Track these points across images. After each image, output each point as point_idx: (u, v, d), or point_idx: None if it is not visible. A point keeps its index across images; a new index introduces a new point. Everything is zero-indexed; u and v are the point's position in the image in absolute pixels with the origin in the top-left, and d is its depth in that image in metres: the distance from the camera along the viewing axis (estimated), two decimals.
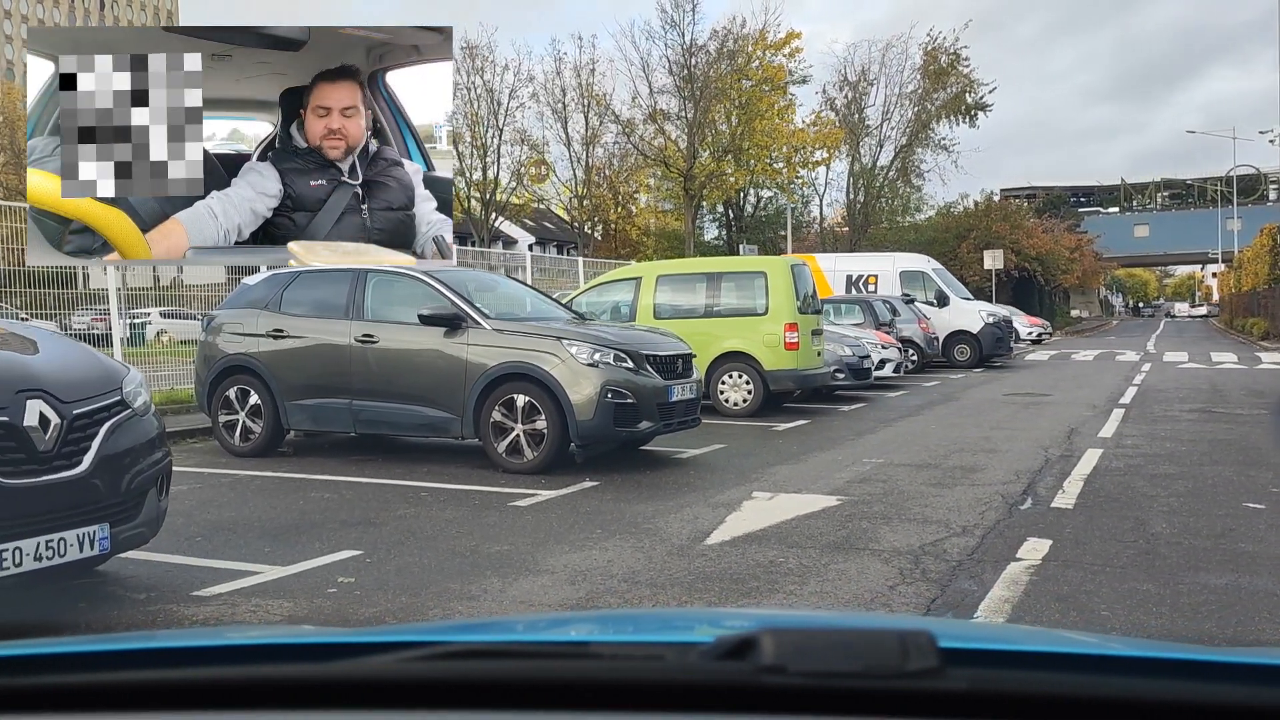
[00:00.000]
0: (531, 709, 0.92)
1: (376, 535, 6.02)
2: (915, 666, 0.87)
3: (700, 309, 12.91)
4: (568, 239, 57.73)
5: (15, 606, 4.52)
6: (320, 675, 1.00)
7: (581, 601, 4.66)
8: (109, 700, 0.97)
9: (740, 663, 0.90)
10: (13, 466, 4.06)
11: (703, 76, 38.81)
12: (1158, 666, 1.10)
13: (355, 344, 8.85)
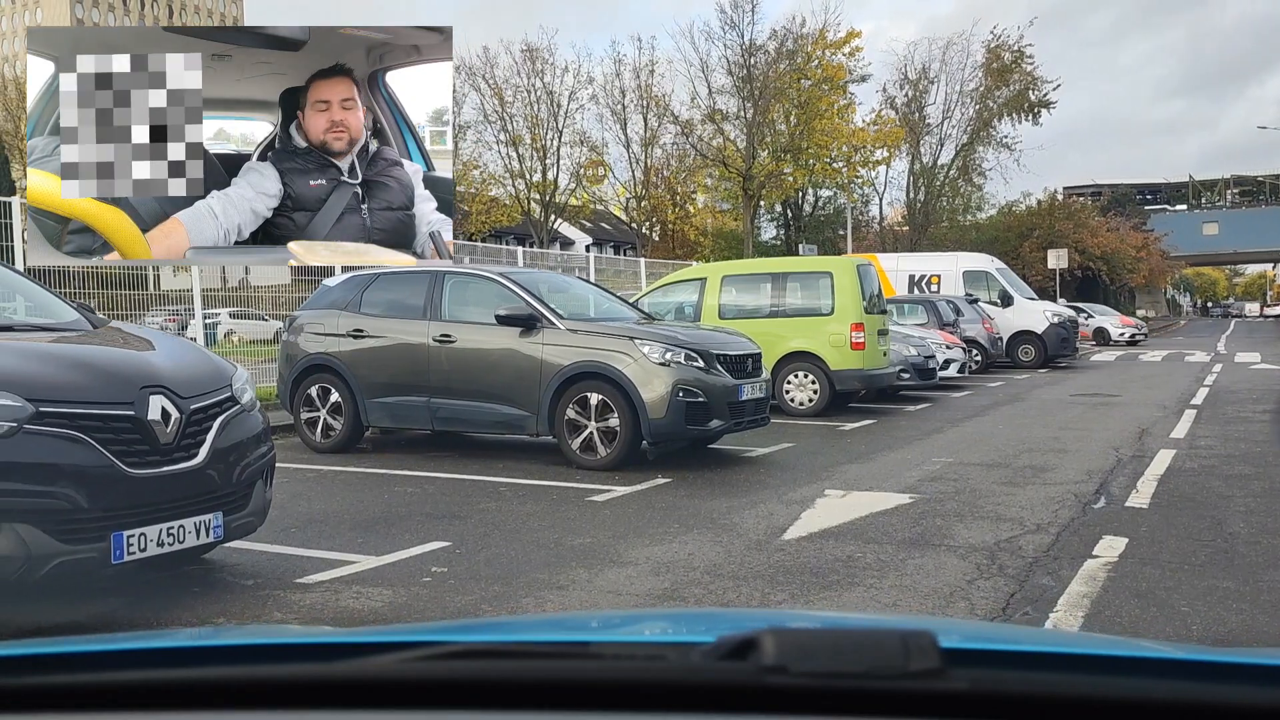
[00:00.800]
0: (533, 709, 0.92)
1: (462, 527, 6.24)
2: (917, 667, 0.86)
3: (765, 309, 13.01)
4: (624, 239, 58.02)
5: (137, 591, 4.82)
6: (320, 675, 0.99)
7: (668, 592, 4.83)
8: (109, 700, 0.97)
9: (742, 663, 0.90)
10: (138, 458, 4.33)
11: (762, 76, 38.81)
12: (1159, 667, 1.11)
13: (433, 343, 9.11)
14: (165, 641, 1.32)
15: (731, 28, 39.16)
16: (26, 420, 4.07)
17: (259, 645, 1.26)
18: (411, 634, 1.34)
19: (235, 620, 4.42)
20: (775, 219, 49.65)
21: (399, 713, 0.93)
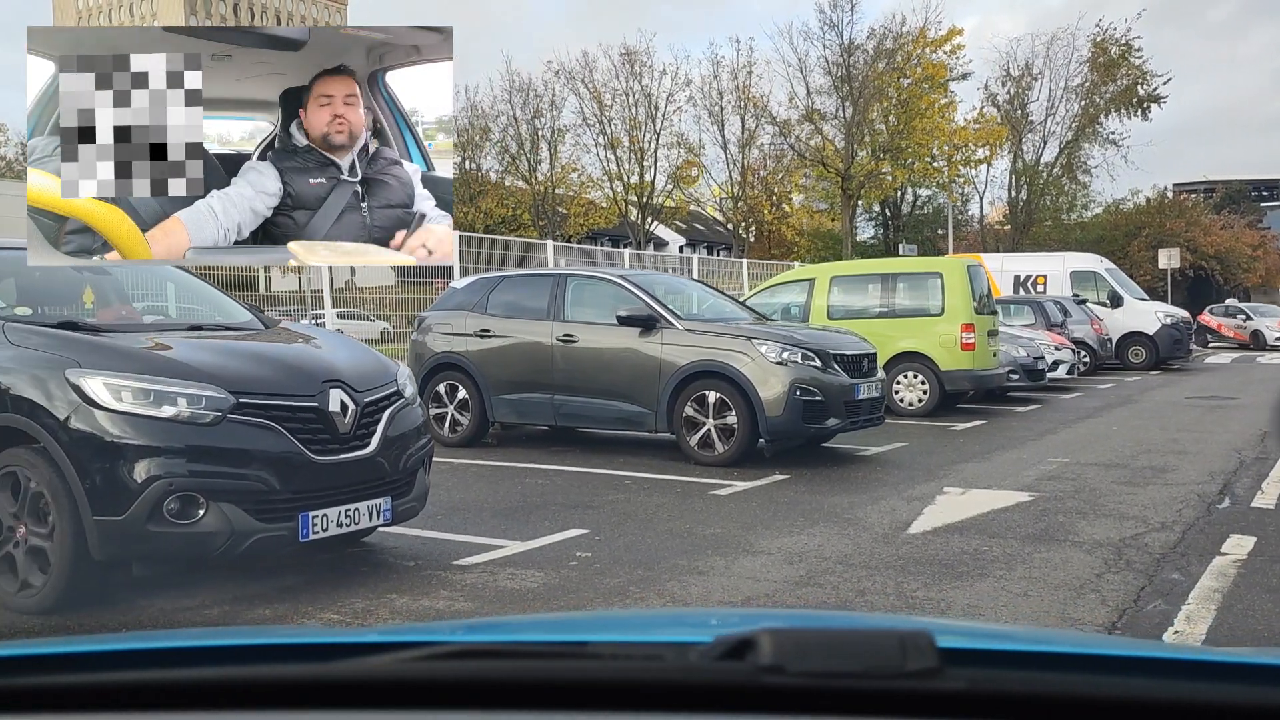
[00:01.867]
0: (531, 709, 0.92)
1: (597, 516, 6.58)
2: (914, 666, 0.87)
3: (874, 310, 13.12)
4: (718, 240, 58.17)
5: (312, 570, 5.26)
6: (320, 675, 1.00)
7: (804, 579, 5.08)
8: (109, 700, 0.97)
9: (739, 663, 0.90)
10: (321, 445, 4.75)
11: (860, 76, 38.62)
12: (1158, 666, 1.11)
13: (557, 343, 9.49)
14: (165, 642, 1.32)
15: (830, 28, 39.06)
16: (229, 410, 4.53)
17: (259, 645, 1.26)
18: (411, 634, 1.35)
19: (408, 598, 4.80)
20: (873, 219, 49.26)
21: (398, 713, 0.93)
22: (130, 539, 4.37)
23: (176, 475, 4.38)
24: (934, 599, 4.72)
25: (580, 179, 44.68)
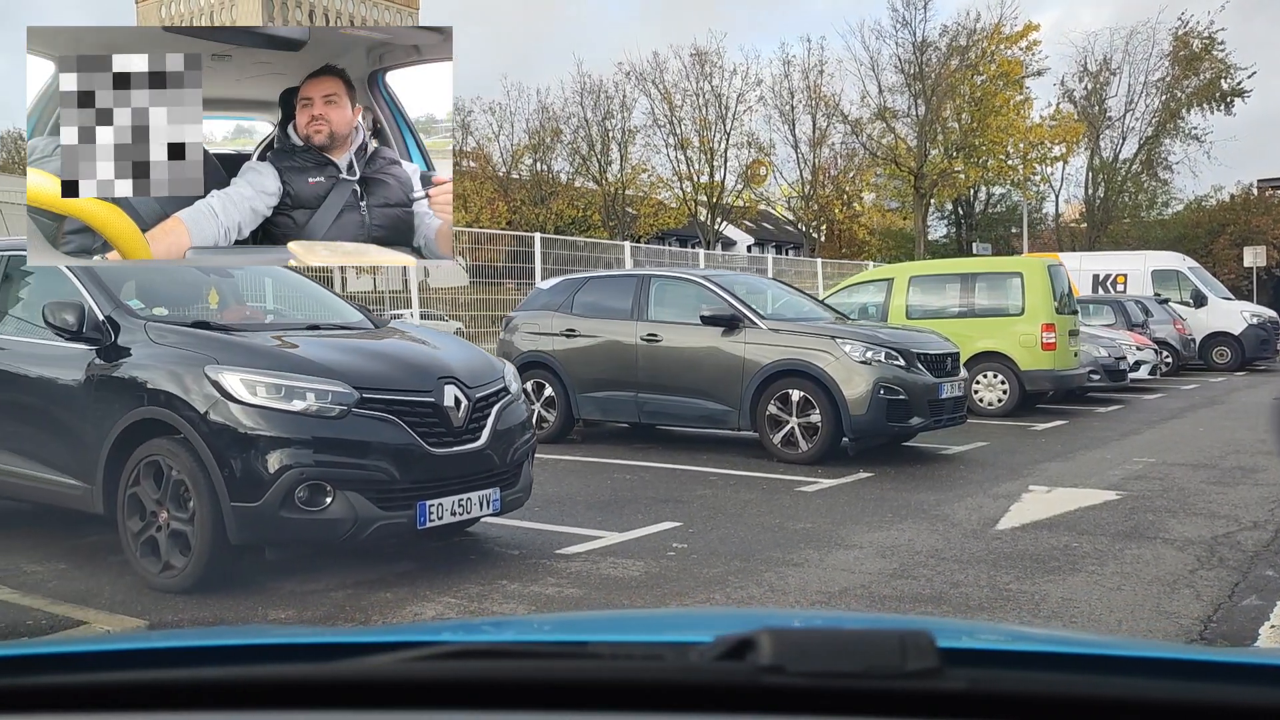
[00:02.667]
0: (531, 709, 0.92)
1: (688, 510, 6.77)
2: (915, 666, 0.87)
3: (953, 309, 13.13)
4: (787, 239, 58.03)
5: (424, 557, 5.54)
6: (320, 675, 1.00)
7: (897, 572, 5.22)
8: (109, 700, 0.97)
9: (739, 663, 0.90)
10: (437, 438, 5.02)
11: (933, 73, 38.30)
12: (1158, 666, 1.11)
13: (641, 342, 9.71)
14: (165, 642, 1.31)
15: (903, 25, 38.84)
16: (354, 405, 4.81)
17: (259, 645, 1.27)
18: (411, 634, 1.35)
19: (518, 584, 5.05)
20: (945, 217, 48.77)
21: (398, 713, 0.93)
22: (264, 524, 4.67)
23: (306, 465, 4.68)
24: (1028, 592, 4.83)
25: (650, 179, 44.97)
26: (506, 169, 45.87)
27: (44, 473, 5.32)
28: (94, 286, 5.34)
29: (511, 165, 45.99)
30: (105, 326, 5.14)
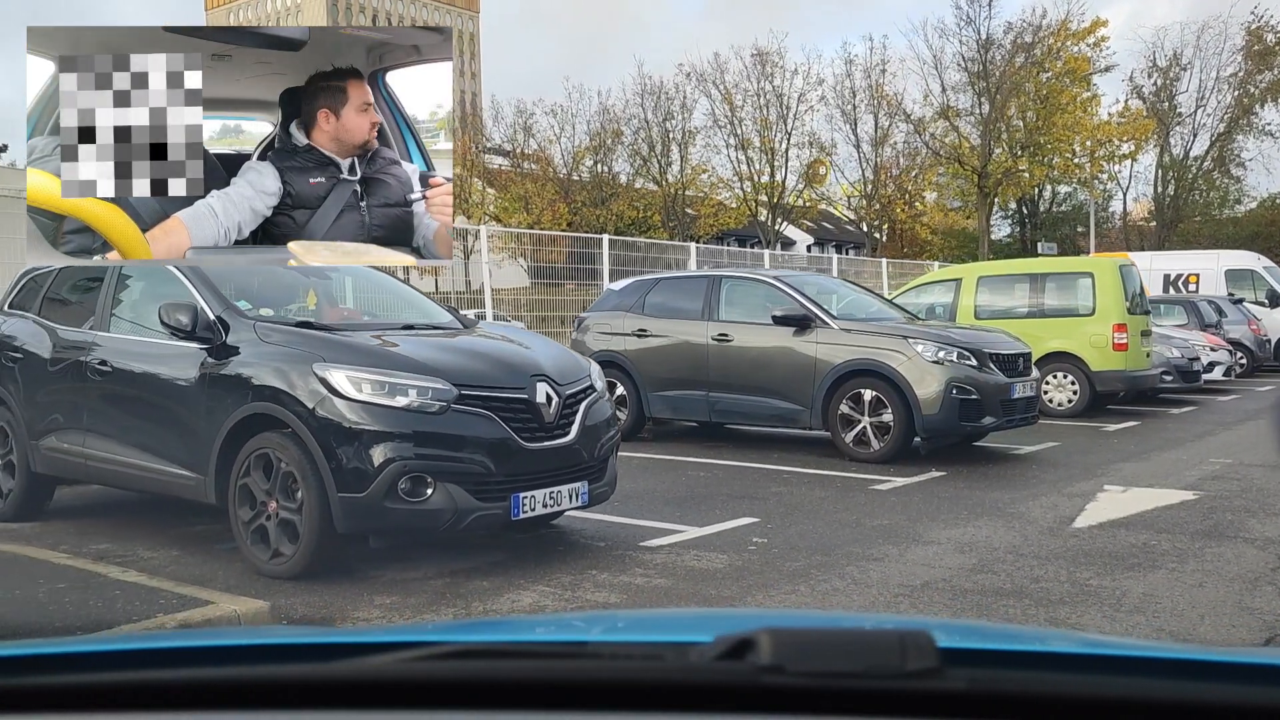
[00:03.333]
0: (531, 709, 0.92)
1: (764, 507, 6.92)
2: (914, 666, 0.87)
3: (1023, 310, 13.09)
4: (847, 239, 57.72)
5: (514, 548, 5.75)
6: (320, 675, 1.00)
7: (977, 567, 5.32)
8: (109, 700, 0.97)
9: (739, 663, 0.90)
10: (530, 433, 5.23)
11: (998, 71, 37.91)
12: (1157, 666, 1.11)
13: (712, 342, 9.87)
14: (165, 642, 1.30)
15: (967, 23, 38.52)
16: (453, 401, 5.04)
17: (259, 645, 1.27)
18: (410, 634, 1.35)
19: (608, 574, 5.24)
20: (1009, 216, 48.20)
21: (398, 713, 0.93)
22: (369, 514, 4.92)
23: (409, 458, 4.91)
24: (1108, 587, 4.91)
25: (710, 180, 45.06)
26: (568, 170, 46.26)
27: (159, 464, 5.63)
28: (204, 288, 5.63)
29: (573, 167, 46.37)
30: (216, 326, 5.43)
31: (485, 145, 49.82)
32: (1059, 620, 4.44)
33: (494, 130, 49.28)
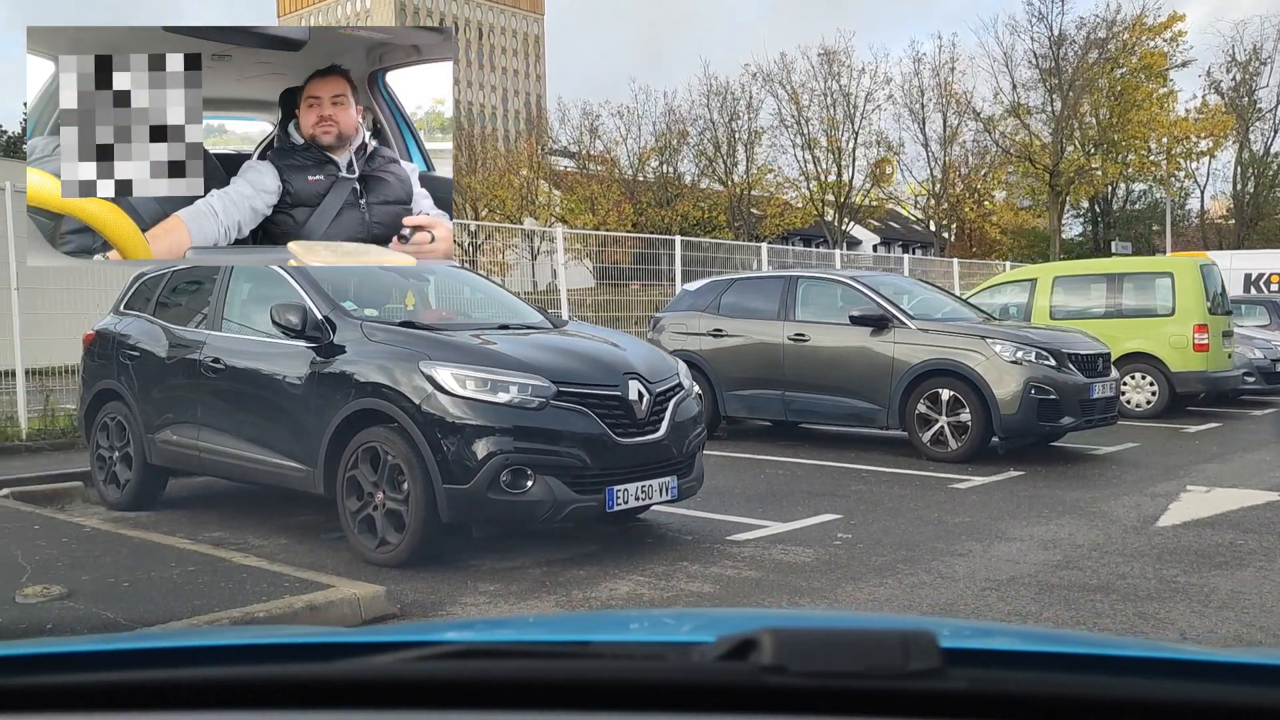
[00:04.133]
0: (532, 709, 0.92)
1: (845, 504, 7.04)
2: (917, 666, 0.87)
3: (1100, 310, 12.99)
4: (913, 239, 57.22)
5: (604, 539, 5.95)
6: (321, 675, 1.00)
7: (1061, 563, 5.40)
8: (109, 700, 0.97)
9: (741, 663, 0.90)
10: (623, 429, 5.43)
11: (1070, 68, 37.35)
12: (1158, 667, 1.11)
13: (788, 342, 9.99)
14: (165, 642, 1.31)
15: (1039, 20, 38.02)
16: (551, 397, 5.26)
17: (259, 645, 1.27)
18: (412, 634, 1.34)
19: (699, 565, 5.42)
20: (1081, 215, 47.43)
21: (399, 713, 0.93)
22: (473, 505, 5.15)
23: (510, 451, 5.14)
24: (1196, 584, 4.96)
25: (776, 180, 45.03)
26: (633, 172, 46.56)
27: (270, 457, 5.93)
28: (312, 289, 5.92)
29: (638, 168, 46.67)
30: (324, 325, 5.72)
31: (551, 147, 50.37)
32: (1147, 615, 4.51)
33: (560, 132, 49.83)
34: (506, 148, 58.40)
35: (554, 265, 37.59)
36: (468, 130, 59.35)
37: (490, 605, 4.73)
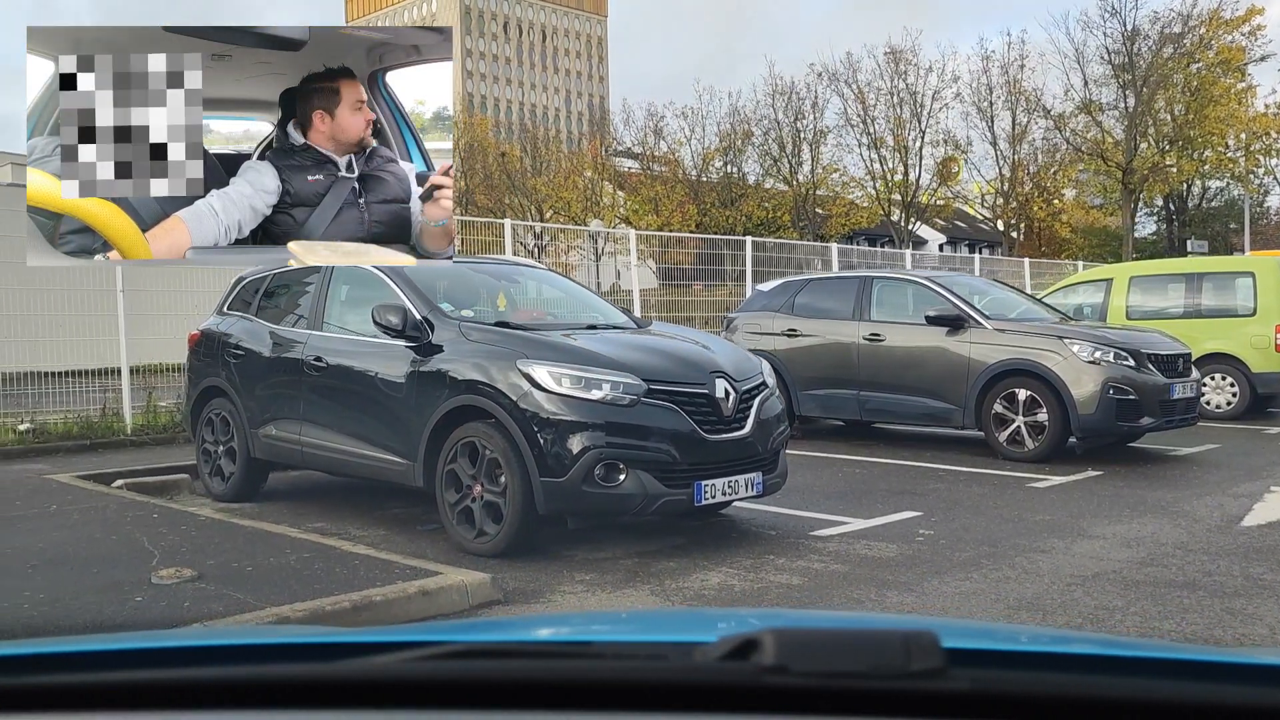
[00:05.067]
0: (534, 709, 0.92)
1: (924, 502, 7.14)
2: (918, 667, 0.87)
3: (1177, 310, 12.85)
4: (979, 238, 56.52)
5: (691, 533, 6.13)
6: (324, 675, 1.00)
7: (1145, 560, 5.46)
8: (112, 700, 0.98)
9: (743, 663, 0.90)
10: (710, 426, 5.61)
11: (1144, 63, 36.68)
12: (1160, 667, 1.11)
13: (863, 342, 10.08)
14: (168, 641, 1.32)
15: (1112, 15, 37.38)
16: (642, 395, 5.45)
17: (262, 645, 1.26)
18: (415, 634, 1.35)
19: (785, 559, 5.58)
20: (1155, 213, 46.51)
21: (402, 712, 0.93)
22: (568, 497, 5.37)
23: (603, 446, 5.34)
24: None
25: (842, 179, 44.85)
26: (697, 172, 46.69)
27: (371, 451, 6.20)
28: (411, 291, 6.18)
29: (702, 168, 46.79)
30: (423, 326, 5.97)
31: (614, 149, 50.71)
32: (1235, 611, 4.57)
33: (624, 133, 50.14)
34: (570, 149, 58.91)
35: (618, 266, 37.82)
36: (532, 132, 59.99)
37: (588, 594, 4.93)
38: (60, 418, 9.66)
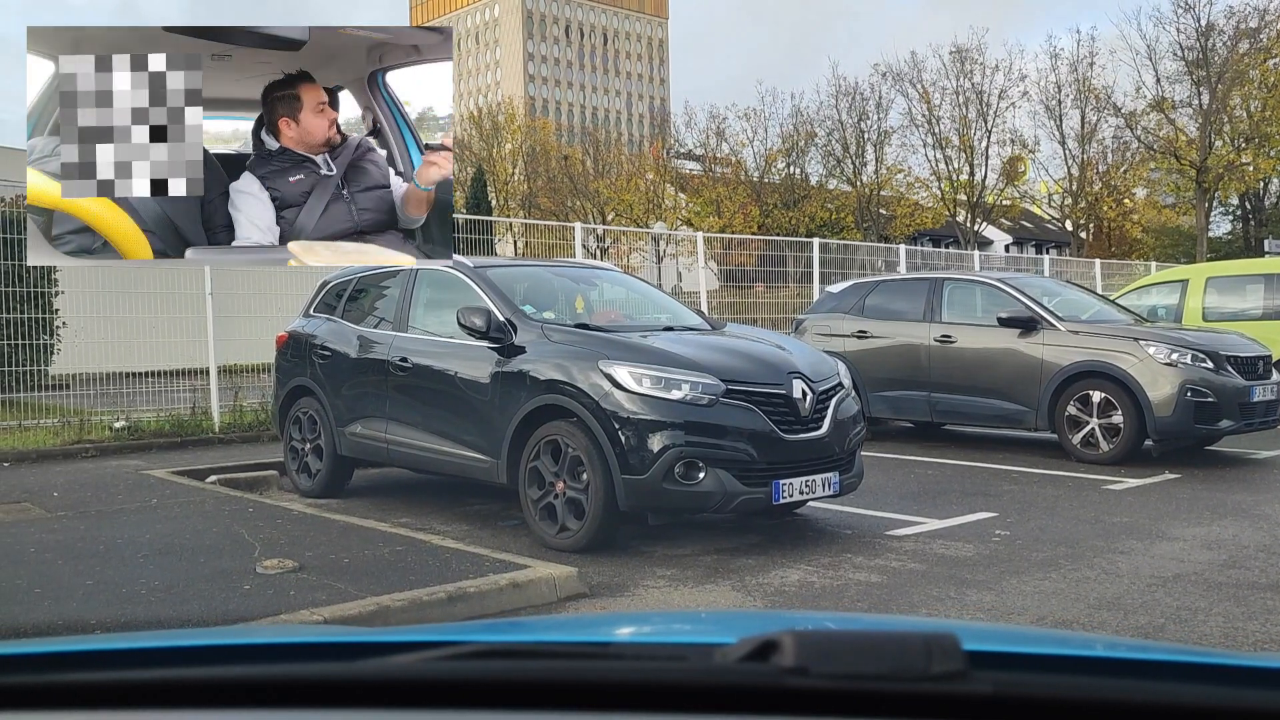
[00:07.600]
0: (553, 709, 0.92)
1: (999, 503, 7.15)
2: (940, 669, 0.86)
3: (1257, 311, 12.61)
4: (1046, 238, 55.66)
5: (767, 531, 6.22)
6: (342, 675, 1.00)
7: (1227, 562, 5.43)
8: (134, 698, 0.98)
9: (763, 664, 0.90)
10: (787, 426, 5.70)
11: (1219, 59, 35.84)
12: (1184, 671, 1.10)
13: (934, 343, 10.08)
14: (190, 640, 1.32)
15: (1185, 10, 36.50)
16: (721, 395, 5.57)
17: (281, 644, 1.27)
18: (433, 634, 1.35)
19: (863, 557, 5.65)
20: (1230, 213, 45.40)
21: (420, 712, 0.93)
22: (649, 494, 5.50)
23: (683, 445, 5.47)
24: None
25: (906, 180, 44.49)
26: (760, 174, 46.64)
27: (456, 449, 6.40)
28: (494, 294, 6.37)
29: (764, 170, 46.72)
30: (506, 327, 6.15)
31: (676, 151, 50.85)
32: None
33: (686, 135, 50.24)
34: (631, 152, 59.16)
35: (679, 268, 37.94)
36: (594, 135, 60.38)
37: (671, 589, 5.06)
38: (153, 415, 10.04)
